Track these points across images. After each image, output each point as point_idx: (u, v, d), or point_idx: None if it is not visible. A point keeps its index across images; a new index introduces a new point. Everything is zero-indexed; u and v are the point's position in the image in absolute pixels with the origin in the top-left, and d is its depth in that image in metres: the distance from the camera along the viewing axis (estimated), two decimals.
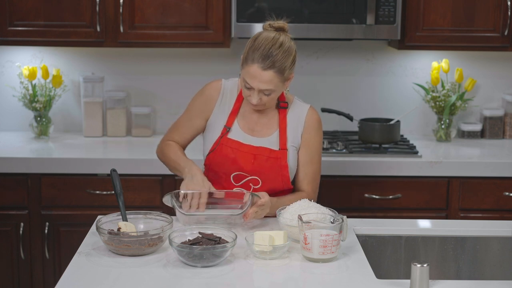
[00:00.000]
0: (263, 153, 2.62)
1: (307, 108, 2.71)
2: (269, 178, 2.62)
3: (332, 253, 2.20)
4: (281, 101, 2.68)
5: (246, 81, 2.53)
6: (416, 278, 1.97)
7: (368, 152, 3.57)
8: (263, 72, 2.48)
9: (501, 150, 3.75)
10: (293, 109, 2.70)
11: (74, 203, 3.48)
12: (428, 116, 4.03)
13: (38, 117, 3.82)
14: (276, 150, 2.63)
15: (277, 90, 2.54)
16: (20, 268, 3.51)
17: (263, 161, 2.62)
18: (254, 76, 2.50)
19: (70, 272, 2.11)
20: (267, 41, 2.51)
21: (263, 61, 2.48)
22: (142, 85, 4.01)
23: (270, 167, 2.62)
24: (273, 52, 2.49)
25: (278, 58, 2.49)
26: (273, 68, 2.48)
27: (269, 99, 2.56)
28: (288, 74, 2.55)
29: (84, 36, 3.62)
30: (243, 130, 2.66)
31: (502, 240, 2.50)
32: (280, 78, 2.51)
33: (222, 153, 2.64)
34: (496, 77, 4.03)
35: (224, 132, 2.66)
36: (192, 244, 2.17)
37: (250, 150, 2.63)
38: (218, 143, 2.65)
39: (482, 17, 3.64)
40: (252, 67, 2.49)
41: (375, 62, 4.00)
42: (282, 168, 2.63)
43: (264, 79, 2.49)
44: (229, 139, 2.65)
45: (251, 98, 2.55)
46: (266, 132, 2.66)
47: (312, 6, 3.57)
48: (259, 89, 2.51)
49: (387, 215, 3.43)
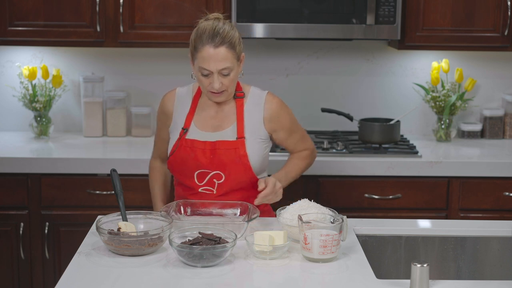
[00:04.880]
0: (220, 146, 2.62)
1: (265, 95, 2.71)
2: (231, 170, 2.62)
3: (332, 253, 2.20)
4: (238, 91, 2.68)
5: (202, 68, 2.53)
6: (416, 278, 1.97)
7: (368, 152, 3.57)
8: (216, 50, 2.50)
9: (501, 150, 3.75)
10: (250, 97, 2.70)
11: (74, 203, 3.48)
12: (428, 116, 4.03)
13: (38, 117, 3.82)
14: (233, 141, 2.63)
15: (234, 68, 2.55)
16: (20, 268, 3.51)
17: (221, 154, 2.62)
18: (208, 58, 2.51)
19: (70, 272, 2.11)
20: (209, 25, 2.54)
21: (213, 39, 2.50)
22: (142, 85, 4.01)
23: (229, 159, 2.61)
24: (219, 29, 2.52)
25: (225, 33, 2.52)
26: (224, 44, 2.51)
27: (229, 82, 2.56)
28: (239, 50, 2.57)
29: (84, 36, 3.62)
30: (201, 128, 2.67)
31: (502, 240, 2.50)
32: (233, 53, 2.53)
33: (181, 154, 2.65)
34: (496, 77, 4.03)
35: (181, 133, 2.67)
36: (192, 244, 2.17)
37: (206, 146, 2.63)
38: (177, 146, 2.66)
39: (482, 17, 3.64)
40: (203, 50, 2.51)
41: (375, 62, 4.00)
42: (241, 158, 2.62)
43: (219, 57, 2.50)
44: (187, 139, 2.66)
45: (212, 84, 2.54)
46: (225, 125, 2.67)
47: (312, 6, 3.57)
48: (217, 69, 2.52)
49: (387, 215, 3.43)
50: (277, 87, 4.00)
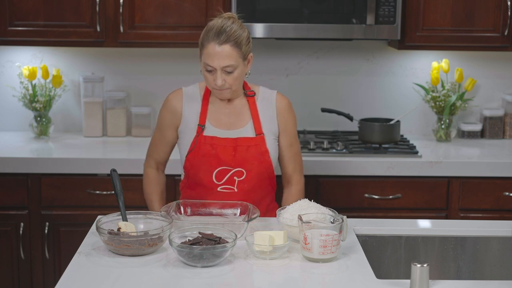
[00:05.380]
0: (242, 143, 2.63)
1: (275, 94, 2.73)
2: (253, 166, 2.63)
3: (332, 253, 2.20)
4: (247, 90, 2.70)
5: (207, 64, 2.54)
6: (416, 278, 1.97)
7: (368, 152, 3.56)
8: (220, 47, 2.51)
9: (501, 150, 3.75)
10: (261, 96, 2.71)
11: (74, 203, 3.48)
12: (428, 116, 4.03)
13: (38, 117, 3.82)
14: (254, 137, 2.64)
15: (238, 67, 2.55)
16: (20, 268, 3.51)
17: (243, 151, 2.62)
18: (212, 54, 2.52)
19: (70, 272, 2.11)
20: (218, 22, 2.56)
21: (218, 37, 2.52)
22: (142, 85, 4.01)
23: (252, 155, 2.63)
24: (226, 28, 2.53)
25: (232, 32, 2.52)
26: (229, 42, 2.52)
27: (233, 80, 2.56)
28: (246, 50, 2.57)
29: (84, 36, 3.62)
30: (216, 126, 2.66)
31: (502, 240, 2.50)
32: (238, 52, 2.54)
33: (201, 151, 2.64)
34: (496, 77, 4.03)
35: (199, 131, 2.66)
36: (192, 244, 2.17)
37: (229, 142, 2.63)
38: (196, 142, 2.65)
39: (482, 17, 3.64)
40: (208, 47, 2.53)
41: (375, 62, 4.00)
42: (263, 154, 2.64)
43: (222, 54, 2.51)
44: (206, 136, 2.65)
45: (215, 81, 2.55)
46: (240, 124, 2.67)
47: (312, 6, 3.57)
48: (220, 66, 2.52)
49: (387, 215, 3.43)
50: (277, 87, 3.97)
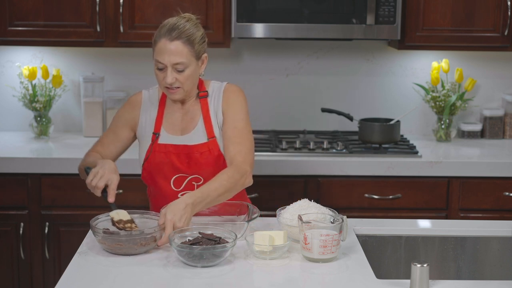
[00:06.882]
0: (195, 151, 2.58)
1: (224, 85, 2.65)
2: (209, 172, 2.57)
3: (332, 253, 2.20)
4: (201, 91, 2.63)
5: (157, 61, 2.50)
6: (416, 278, 1.97)
7: (368, 152, 3.57)
8: (171, 43, 2.47)
9: (501, 150, 3.75)
10: (212, 93, 2.64)
11: (74, 203, 3.48)
12: (428, 116, 4.03)
13: (38, 117, 3.82)
14: (206, 142, 2.58)
15: (190, 66, 2.50)
16: (20, 268, 3.51)
17: (197, 158, 2.58)
18: (163, 51, 2.48)
19: (70, 272, 2.11)
20: (173, 20, 2.53)
21: (170, 33, 2.48)
22: (142, 85, 3.97)
23: (206, 161, 2.58)
24: (179, 25, 2.50)
25: (185, 29, 2.48)
26: (180, 39, 2.47)
27: (184, 79, 2.50)
28: (199, 49, 2.52)
29: (84, 36, 3.62)
30: (171, 133, 2.62)
31: (502, 240, 2.50)
32: (191, 50, 2.49)
33: (156, 159, 2.61)
34: (496, 77, 4.03)
35: (153, 138, 2.62)
36: (192, 244, 2.17)
37: (182, 150, 2.59)
38: (151, 151, 2.62)
39: (482, 17, 3.64)
40: (159, 43, 2.49)
41: (375, 62, 4.00)
42: (217, 158, 2.59)
43: (173, 50, 2.46)
44: (160, 144, 2.61)
45: (165, 78, 2.49)
46: (193, 127, 2.61)
47: (312, 6, 3.57)
48: (171, 63, 2.47)
49: (387, 215, 3.43)
50: (277, 87, 4.00)
